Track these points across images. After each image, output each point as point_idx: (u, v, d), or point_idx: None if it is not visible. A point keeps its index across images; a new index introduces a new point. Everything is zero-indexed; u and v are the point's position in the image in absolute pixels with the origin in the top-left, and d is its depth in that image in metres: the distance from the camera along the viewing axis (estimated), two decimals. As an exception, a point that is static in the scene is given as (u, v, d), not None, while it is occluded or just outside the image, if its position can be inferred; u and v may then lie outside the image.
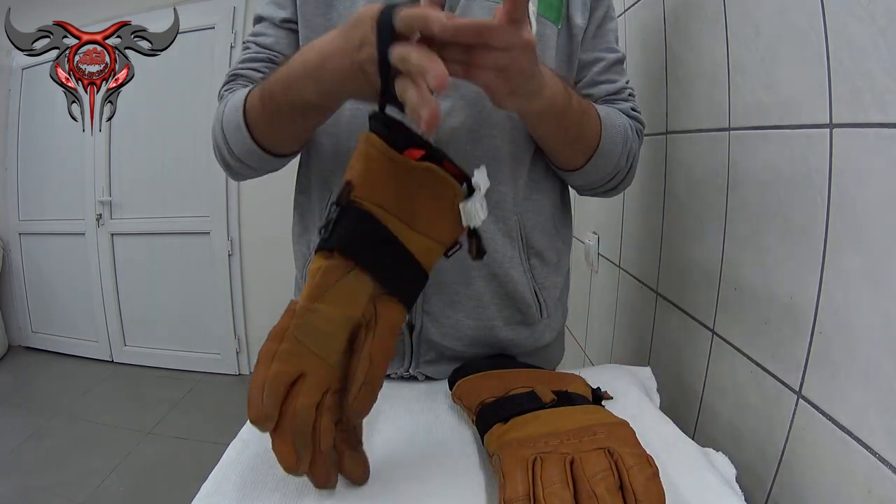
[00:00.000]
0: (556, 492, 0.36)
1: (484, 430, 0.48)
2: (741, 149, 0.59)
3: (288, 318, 0.39)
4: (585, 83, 0.69)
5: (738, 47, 0.59)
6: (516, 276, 0.65)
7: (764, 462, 0.53)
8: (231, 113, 0.60)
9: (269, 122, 0.57)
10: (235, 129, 0.59)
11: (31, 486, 1.91)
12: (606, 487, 0.36)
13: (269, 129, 0.58)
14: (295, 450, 0.39)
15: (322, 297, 0.39)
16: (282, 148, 0.62)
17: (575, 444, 0.42)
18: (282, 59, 0.64)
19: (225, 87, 0.66)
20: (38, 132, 3.00)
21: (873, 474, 0.39)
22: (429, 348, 0.66)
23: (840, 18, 0.43)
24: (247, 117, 0.58)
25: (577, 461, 0.39)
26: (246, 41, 0.68)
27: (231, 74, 0.67)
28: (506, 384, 0.54)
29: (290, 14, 0.65)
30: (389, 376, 0.66)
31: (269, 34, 0.66)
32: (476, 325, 0.65)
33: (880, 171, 0.39)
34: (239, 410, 0.60)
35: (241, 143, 0.60)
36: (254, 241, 2.84)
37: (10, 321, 3.23)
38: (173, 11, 2.29)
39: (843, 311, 0.43)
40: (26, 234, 3.15)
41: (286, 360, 0.39)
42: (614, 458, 0.39)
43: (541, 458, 0.40)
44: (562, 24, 0.65)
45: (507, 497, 0.37)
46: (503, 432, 0.46)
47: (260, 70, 0.66)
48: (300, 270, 0.71)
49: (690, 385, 0.69)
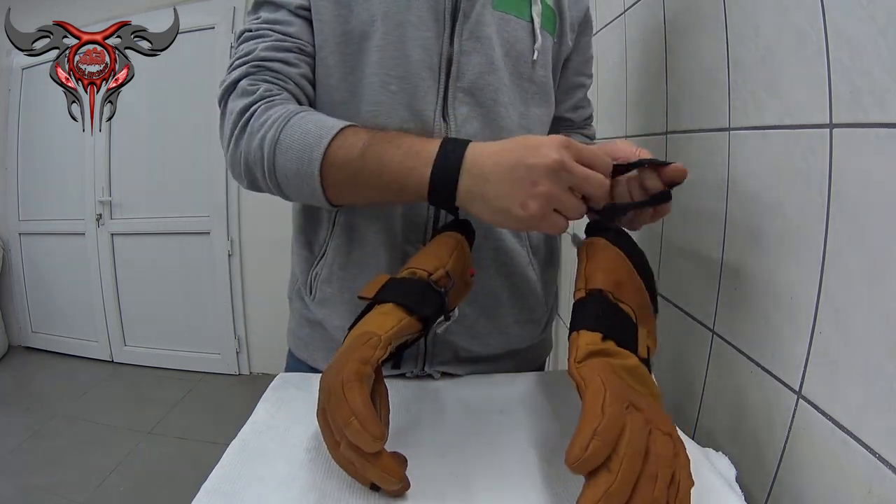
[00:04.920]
0: (633, 456, 0.35)
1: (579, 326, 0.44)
2: (741, 149, 0.59)
3: (373, 349, 0.43)
4: (570, 107, 0.75)
5: (738, 47, 0.59)
6: (527, 274, 0.67)
7: (764, 462, 0.53)
8: (298, 139, 0.52)
9: (359, 178, 0.52)
10: (299, 161, 0.52)
11: (31, 486, 1.91)
12: (663, 478, 0.35)
13: (354, 185, 0.53)
14: (398, 463, 0.42)
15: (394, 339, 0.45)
16: (350, 202, 0.57)
17: (651, 412, 0.39)
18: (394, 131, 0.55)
19: (248, 80, 0.57)
20: (38, 132, 3.00)
21: (873, 474, 0.39)
22: (444, 348, 0.66)
23: (840, 18, 0.43)
24: (329, 159, 0.51)
25: (652, 435, 0.37)
26: (253, 29, 0.60)
27: (254, 65, 0.58)
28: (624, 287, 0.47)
29: (304, 0, 0.60)
30: (404, 375, 0.66)
31: (291, 21, 0.60)
32: (492, 323, 0.66)
33: (880, 171, 0.39)
34: (239, 410, 0.61)
35: (299, 180, 0.53)
36: (254, 241, 2.84)
37: (10, 321, 3.23)
38: (173, 11, 2.29)
39: (843, 311, 0.43)
40: (26, 234, 3.15)
41: (369, 385, 0.42)
42: (677, 448, 0.37)
43: (632, 410, 0.37)
44: (556, 38, 0.68)
45: (601, 429, 0.35)
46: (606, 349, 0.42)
47: (291, 62, 0.59)
48: (303, 273, 0.69)
49: (690, 385, 0.69)
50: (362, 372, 0.41)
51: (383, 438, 0.39)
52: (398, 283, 0.49)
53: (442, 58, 0.60)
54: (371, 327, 0.45)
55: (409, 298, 0.48)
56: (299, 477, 0.45)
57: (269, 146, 0.53)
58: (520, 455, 0.49)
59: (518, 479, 0.46)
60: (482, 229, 0.62)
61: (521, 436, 0.53)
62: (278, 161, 0.53)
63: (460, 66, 0.60)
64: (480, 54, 0.60)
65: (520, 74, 0.64)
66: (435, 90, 0.60)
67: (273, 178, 0.55)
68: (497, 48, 0.61)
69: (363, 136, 0.52)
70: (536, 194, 0.44)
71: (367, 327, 0.45)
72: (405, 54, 0.59)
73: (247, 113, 0.56)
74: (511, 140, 0.47)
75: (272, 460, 0.47)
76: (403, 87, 0.59)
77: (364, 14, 0.59)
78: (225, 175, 2.78)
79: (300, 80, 0.60)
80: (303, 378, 0.63)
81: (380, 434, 0.39)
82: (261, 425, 0.53)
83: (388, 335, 0.44)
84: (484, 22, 0.60)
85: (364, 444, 0.39)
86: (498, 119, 0.62)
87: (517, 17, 0.62)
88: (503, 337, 0.68)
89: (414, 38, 0.59)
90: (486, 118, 0.62)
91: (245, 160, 0.56)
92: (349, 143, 0.51)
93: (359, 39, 0.60)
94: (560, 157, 0.44)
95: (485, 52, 0.60)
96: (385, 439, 0.40)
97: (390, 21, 0.58)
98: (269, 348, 2.83)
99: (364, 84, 0.60)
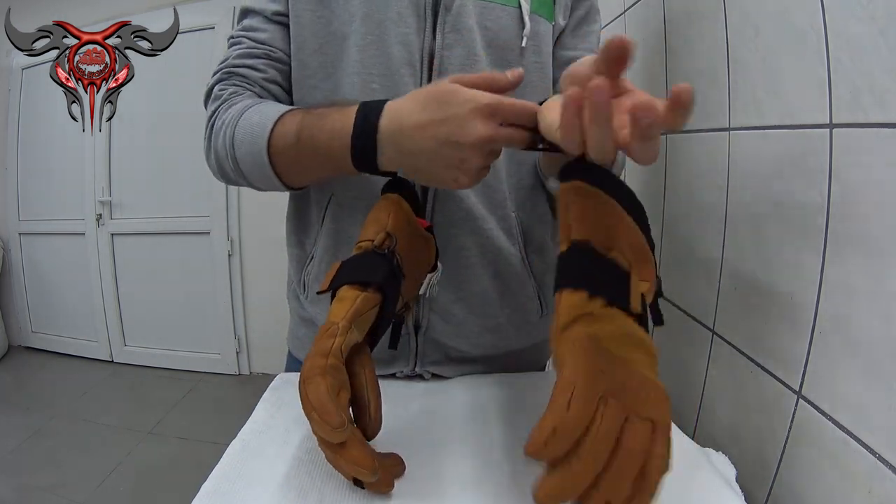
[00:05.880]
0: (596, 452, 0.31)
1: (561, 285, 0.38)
2: (741, 149, 0.59)
3: (332, 338, 0.43)
4: None
5: (738, 47, 0.59)
6: (520, 273, 0.66)
7: (764, 462, 0.53)
8: (247, 132, 0.56)
9: (301, 161, 0.55)
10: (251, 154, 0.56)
11: (31, 486, 1.91)
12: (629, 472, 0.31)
13: (299, 168, 0.56)
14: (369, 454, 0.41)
15: (356, 320, 0.44)
16: (304, 182, 0.61)
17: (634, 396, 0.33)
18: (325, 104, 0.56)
19: (219, 86, 0.63)
20: (38, 132, 3.00)
21: (873, 474, 0.39)
22: (434, 348, 0.66)
23: (840, 18, 0.43)
24: (272, 148, 0.55)
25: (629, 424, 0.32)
26: (235, 36, 0.65)
27: (225, 72, 0.63)
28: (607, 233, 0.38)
29: (281, 7, 0.63)
30: (395, 375, 0.66)
31: (263, 28, 0.63)
32: (482, 322, 0.66)
33: (880, 171, 0.39)
34: (239, 410, 0.61)
35: (257, 170, 0.57)
36: (254, 241, 2.84)
37: (10, 321, 3.23)
38: (173, 11, 2.29)
39: (843, 311, 0.43)
40: (26, 234, 3.15)
41: (334, 376, 0.41)
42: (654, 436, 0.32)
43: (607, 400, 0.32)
44: (553, 22, 0.66)
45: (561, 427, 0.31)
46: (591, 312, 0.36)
47: (258, 68, 0.63)
48: (297, 272, 0.70)
49: (690, 385, 0.69)
50: (320, 365, 0.41)
51: (343, 427, 0.38)
52: (347, 264, 0.49)
53: (423, 53, 0.60)
54: (331, 317, 0.45)
55: (357, 273, 0.47)
56: (299, 477, 0.45)
57: (229, 143, 0.58)
58: (517, 455, 0.49)
59: (514, 480, 0.46)
60: (469, 228, 0.62)
61: (517, 436, 0.53)
62: (238, 155, 0.57)
63: (442, 59, 0.60)
64: (462, 46, 0.60)
65: (506, 63, 0.62)
66: (416, 86, 0.60)
67: (239, 172, 0.59)
68: (478, 39, 0.60)
69: (297, 119, 0.54)
70: (466, 170, 0.48)
71: (328, 318, 0.45)
72: (385, 52, 0.59)
73: (213, 115, 0.61)
74: (429, 100, 0.47)
75: (272, 460, 0.47)
76: (385, 84, 0.59)
77: (344, 14, 0.60)
78: (225, 175, 2.78)
79: (266, 83, 0.63)
80: (303, 378, 0.63)
81: (338, 423, 0.38)
82: (261, 425, 0.53)
83: (345, 320, 0.44)
84: (465, 13, 0.59)
85: (326, 436, 0.39)
86: None
87: (502, 4, 0.61)
88: (495, 337, 0.67)
89: (394, 34, 0.59)
90: None
91: (216, 158, 0.61)
92: (286, 129, 0.55)
93: (339, 40, 0.60)
94: (485, 132, 0.45)
95: (465, 43, 0.60)
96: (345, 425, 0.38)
97: (370, 20, 0.59)
98: (269, 348, 2.83)
99: (345, 84, 0.60)
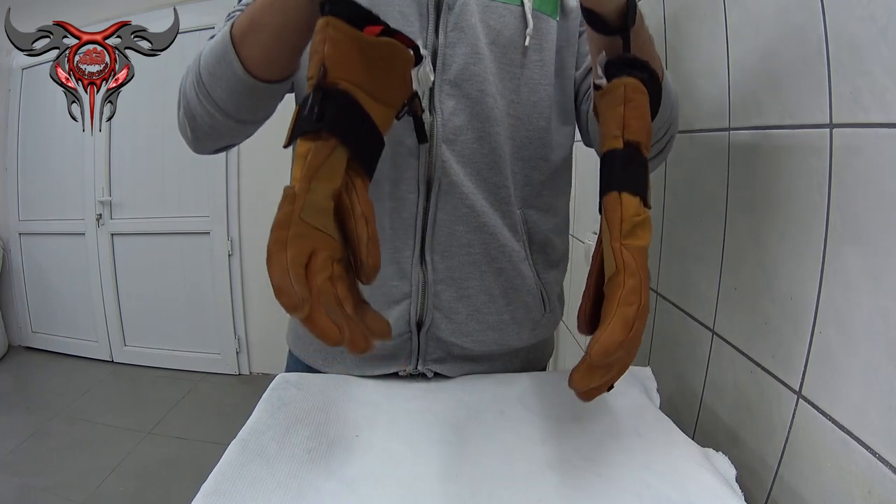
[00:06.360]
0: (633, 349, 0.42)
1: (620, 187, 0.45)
2: (741, 149, 0.59)
3: (290, 204, 0.39)
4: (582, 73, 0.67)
5: (738, 47, 0.59)
6: (523, 271, 0.66)
7: (764, 462, 0.53)
8: (209, 47, 0.55)
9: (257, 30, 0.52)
10: (219, 60, 0.54)
11: (31, 486, 1.91)
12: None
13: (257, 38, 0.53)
14: (334, 323, 0.39)
15: (316, 176, 0.40)
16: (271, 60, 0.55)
17: None
18: None
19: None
20: (38, 132, 3.00)
21: (873, 474, 0.39)
22: (436, 346, 0.66)
23: (840, 18, 0.43)
24: (234, 38, 0.53)
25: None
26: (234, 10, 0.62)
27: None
28: None
29: None
30: (397, 374, 0.66)
31: None
32: (485, 319, 0.66)
33: (880, 171, 0.39)
34: (239, 410, 0.61)
35: (226, 73, 0.54)
36: (254, 241, 2.85)
37: (10, 321, 3.23)
38: (173, 11, 2.29)
39: (843, 311, 0.43)
40: (26, 234, 3.15)
41: (299, 244, 0.38)
42: None
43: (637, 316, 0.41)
44: (559, 17, 0.65)
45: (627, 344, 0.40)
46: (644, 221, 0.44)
47: None
48: None
49: (690, 385, 0.69)
50: (281, 239, 0.38)
51: (302, 305, 0.37)
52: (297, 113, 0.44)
53: (427, 51, 0.59)
54: (292, 181, 0.41)
55: (302, 122, 0.42)
56: (299, 477, 0.45)
57: (195, 65, 0.56)
58: (518, 455, 0.49)
59: (515, 480, 0.46)
60: (474, 225, 0.62)
61: (518, 436, 0.53)
62: (202, 67, 0.55)
63: (446, 58, 0.60)
64: (465, 44, 0.60)
65: (509, 62, 0.62)
66: None
67: (201, 85, 0.56)
68: (482, 37, 0.60)
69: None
70: None
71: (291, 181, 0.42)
72: None
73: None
74: None
75: (272, 460, 0.47)
76: None
77: None
78: (225, 175, 2.79)
79: None
80: (303, 378, 0.63)
81: (296, 304, 0.37)
82: (261, 425, 0.53)
83: (299, 182, 0.40)
84: (467, 11, 0.59)
85: (291, 314, 0.38)
86: (486, 110, 0.61)
87: (505, 2, 0.61)
88: (497, 334, 0.67)
89: None
90: (474, 110, 0.61)
91: (184, 98, 0.59)
92: (241, 18, 0.53)
93: None
94: None
95: (469, 41, 0.60)
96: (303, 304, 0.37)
97: None
98: (269, 348, 2.83)
99: None
